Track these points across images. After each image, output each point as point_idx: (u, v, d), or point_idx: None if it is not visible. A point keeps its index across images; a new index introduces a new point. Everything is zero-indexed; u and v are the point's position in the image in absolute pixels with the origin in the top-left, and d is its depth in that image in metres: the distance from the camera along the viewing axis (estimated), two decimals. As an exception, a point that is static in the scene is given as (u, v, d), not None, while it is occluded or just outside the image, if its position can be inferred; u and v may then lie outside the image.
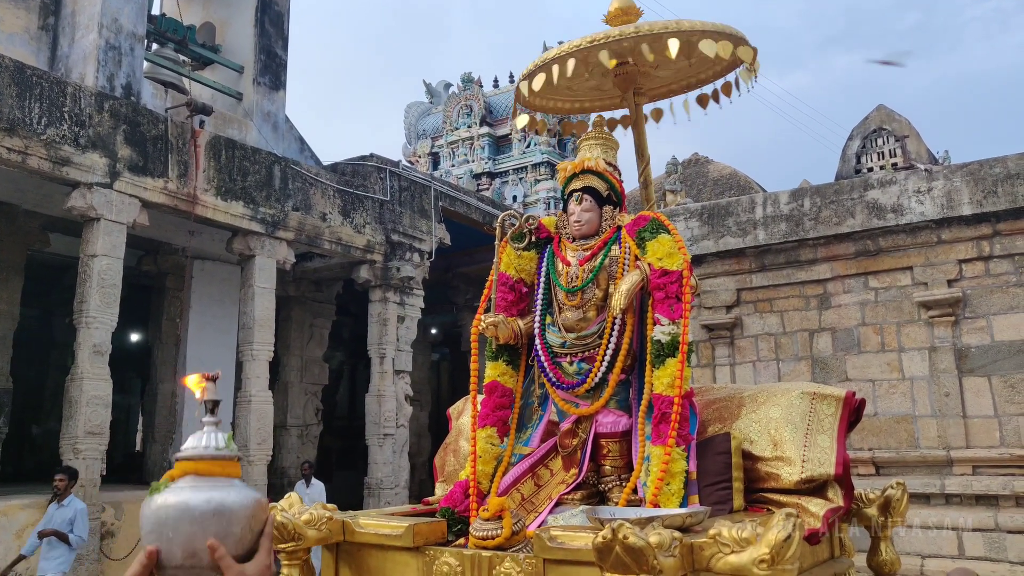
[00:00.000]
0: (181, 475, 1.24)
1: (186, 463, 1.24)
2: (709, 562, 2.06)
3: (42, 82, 7.15)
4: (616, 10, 3.38)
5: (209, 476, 1.23)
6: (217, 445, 1.26)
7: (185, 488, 1.20)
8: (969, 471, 7.03)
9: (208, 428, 1.29)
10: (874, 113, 9.32)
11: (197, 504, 1.17)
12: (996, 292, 7.25)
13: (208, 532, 1.16)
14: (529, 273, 3.10)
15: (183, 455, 1.25)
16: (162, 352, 10.15)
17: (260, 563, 1.21)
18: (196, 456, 1.24)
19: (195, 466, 1.23)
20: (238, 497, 1.21)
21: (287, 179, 9.24)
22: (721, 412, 3.01)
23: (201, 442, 1.26)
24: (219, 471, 1.23)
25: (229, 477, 1.24)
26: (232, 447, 1.28)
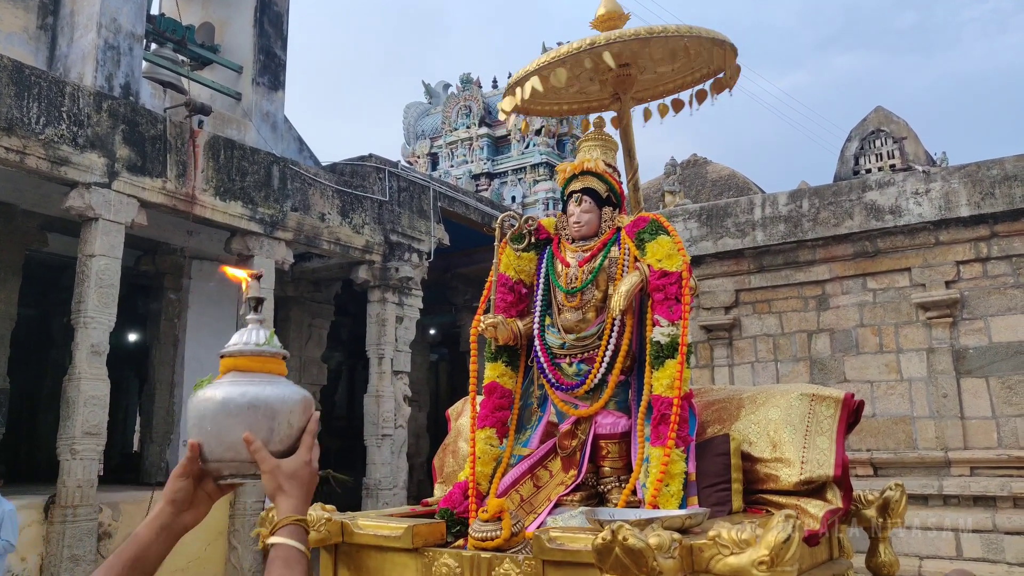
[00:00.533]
0: (225, 372, 1.24)
1: (228, 359, 1.24)
2: (708, 564, 2.06)
3: (40, 82, 7.15)
4: (603, 15, 3.39)
5: (249, 372, 1.22)
6: (258, 341, 1.25)
7: (224, 383, 1.21)
8: (967, 472, 7.05)
9: (252, 325, 1.28)
10: (872, 115, 9.34)
11: (233, 397, 1.18)
12: (994, 293, 7.26)
13: (245, 425, 1.17)
14: (528, 274, 3.10)
15: (225, 351, 1.25)
16: (160, 352, 10.13)
17: (299, 459, 1.20)
18: (236, 352, 1.24)
19: (235, 362, 1.23)
20: (276, 392, 1.20)
21: (286, 179, 9.23)
22: (720, 413, 3.01)
23: (243, 338, 1.26)
24: (259, 367, 1.23)
25: (270, 373, 1.24)
26: (274, 343, 1.27)
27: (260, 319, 1.30)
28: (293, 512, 1.18)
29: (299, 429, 1.23)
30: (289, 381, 1.26)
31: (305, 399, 1.24)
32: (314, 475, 1.23)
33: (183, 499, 1.23)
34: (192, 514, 1.25)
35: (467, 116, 20.31)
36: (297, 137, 10.71)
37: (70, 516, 7.04)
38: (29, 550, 7.00)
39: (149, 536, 1.21)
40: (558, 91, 3.57)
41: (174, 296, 10.14)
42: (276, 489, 1.18)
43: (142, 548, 1.21)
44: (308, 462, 1.22)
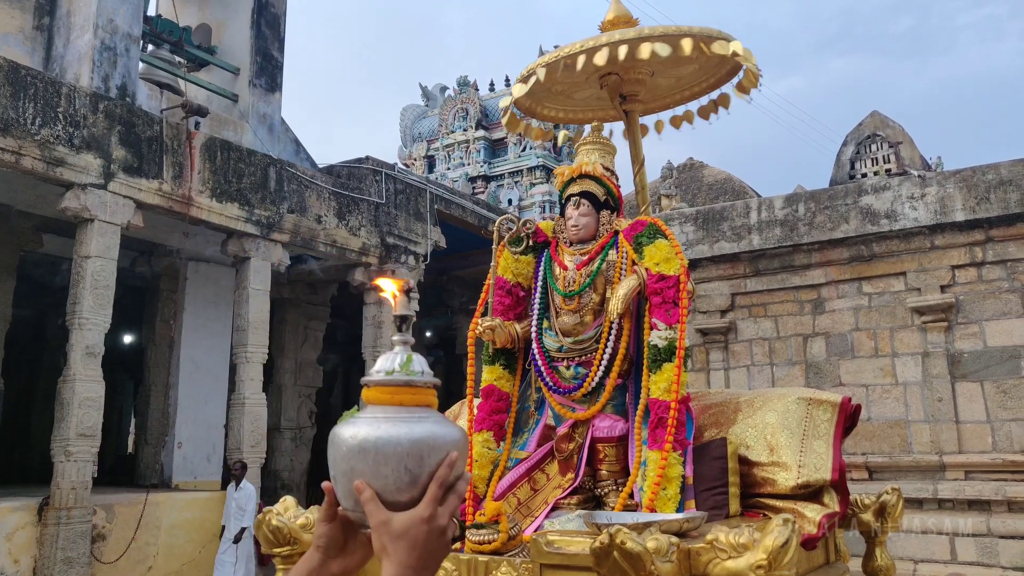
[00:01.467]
0: (367, 401, 1.10)
1: (364, 390, 1.11)
2: (706, 567, 2.06)
3: (36, 82, 7.13)
4: (613, 18, 3.38)
5: (380, 405, 1.08)
6: (388, 368, 1.10)
7: (351, 420, 1.08)
8: (962, 476, 7.06)
9: (398, 348, 1.13)
10: (868, 119, 9.37)
11: (345, 438, 1.05)
12: (989, 298, 7.28)
13: (356, 471, 1.03)
14: (526, 277, 3.10)
15: (369, 379, 1.11)
16: (155, 354, 10.10)
17: (414, 515, 1.00)
18: (365, 382, 1.10)
19: (366, 393, 1.10)
20: (390, 432, 1.04)
21: (282, 181, 9.22)
22: (717, 417, 3.02)
23: (384, 364, 1.11)
24: (387, 399, 1.07)
25: (400, 406, 1.07)
26: (411, 368, 1.10)
27: (404, 341, 1.14)
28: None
29: (426, 475, 1.03)
30: (428, 414, 1.09)
31: (432, 439, 1.05)
32: (435, 535, 1.00)
33: (328, 545, 1.09)
34: (341, 563, 1.10)
35: (464, 119, 20.33)
36: (294, 139, 10.70)
37: (64, 518, 7.01)
38: (22, 552, 6.96)
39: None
40: (561, 95, 3.58)
41: (170, 298, 10.12)
42: (381, 549, 1.01)
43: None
44: (427, 518, 1.00)
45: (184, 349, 9.87)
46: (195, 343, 9.95)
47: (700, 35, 3.01)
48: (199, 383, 9.92)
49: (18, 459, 11.82)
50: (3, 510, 6.99)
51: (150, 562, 8.20)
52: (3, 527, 6.93)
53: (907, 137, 9.01)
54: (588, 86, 3.47)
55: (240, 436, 8.61)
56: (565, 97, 3.63)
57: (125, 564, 7.84)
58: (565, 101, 3.69)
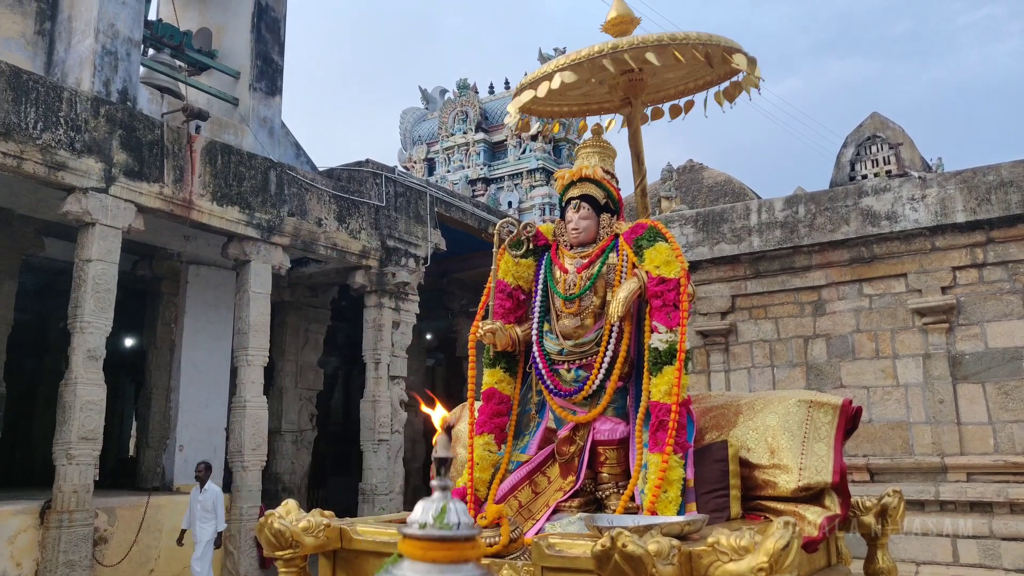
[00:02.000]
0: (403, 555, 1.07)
1: (400, 542, 1.09)
2: (707, 570, 2.06)
3: (38, 87, 7.14)
4: (614, 18, 3.39)
5: (413, 560, 1.05)
6: (421, 521, 1.08)
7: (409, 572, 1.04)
8: (963, 478, 7.05)
9: (437, 494, 1.11)
10: (868, 121, 9.37)
11: None
12: (990, 299, 7.28)
13: None
14: (527, 280, 3.11)
15: (403, 530, 1.09)
16: (157, 357, 10.11)
17: None
18: (401, 533, 1.08)
19: (401, 546, 1.08)
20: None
21: (283, 184, 9.23)
22: (718, 420, 3.02)
23: (419, 514, 1.09)
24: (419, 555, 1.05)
25: (432, 563, 1.04)
26: (446, 522, 1.06)
27: (443, 486, 1.11)
28: None
29: None
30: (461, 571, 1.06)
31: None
32: None
33: None
34: None
35: (464, 121, 20.35)
36: (294, 142, 10.71)
37: (66, 521, 7.01)
38: (24, 555, 6.97)
39: None
40: (564, 93, 3.59)
41: (171, 301, 10.13)
42: None
43: None
44: None
45: (185, 352, 9.88)
46: (196, 346, 9.95)
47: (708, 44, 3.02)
48: (200, 386, 9.93)
49: (20, 462, 11.82)
50: (5, 513, 7.00)
51: (152, 565, 8.20)
52: (5, 530, 6.94)
53: (907, 138, 9.02)
54: (592, 84, 3.48)
55: (241, 439, 8.62)
56: (569, 95, 3.64)
57: (127, 567, 7.84)
58: (569, 98, 3.70)
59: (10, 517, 7.01)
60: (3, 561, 6.83)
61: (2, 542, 6.89)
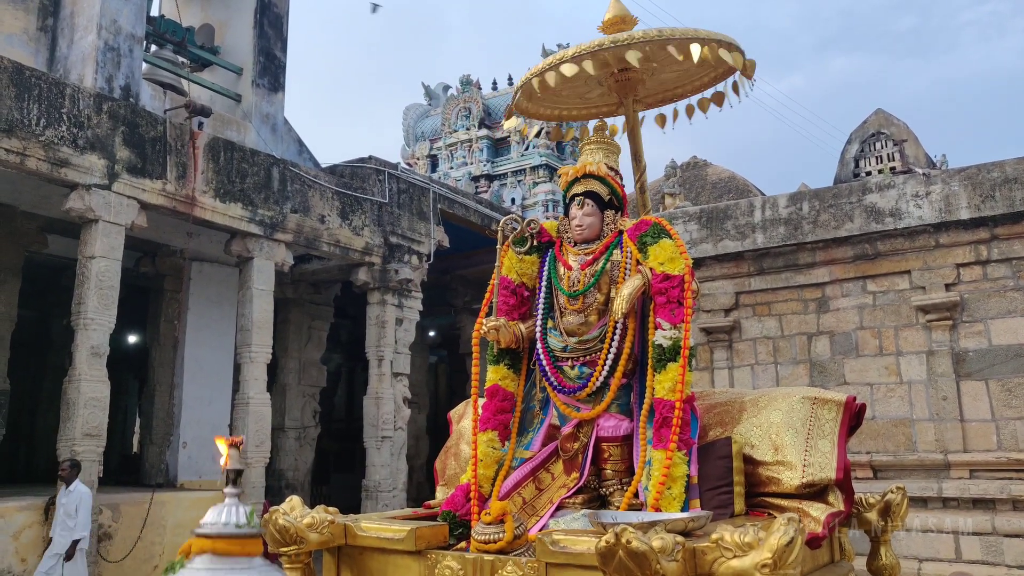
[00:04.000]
0: (198, 552, 1.17)
1: (203, 540, 1.18)
2: (711, 566, 2.06)
3: (40, 83, 7.15)
4: (611, 19, 3.38)
5: (227, 556, 1.16)
6: (237, 521, 1.20)
7: (200, 570, 1.15)
8: (966, 475, 7.05)
9: (229, 501, 1.23)
10: (872, 117, 9.34)
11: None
12: (994, 296, 7.26)
13: None
14: (531, 277, 3.11)
15: (201, 531, 1.19)
16: (160, 354, 10.13)
17: None
18: (214, 534, 1.18)
19: (212, 544, 1.18)
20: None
21: (285, 181, 9.23)
22: (722, 416, 3.02)
23: (220, 518, 1.20)
24: (238, 550, 1.17)
25: (249, 556, 1.18)
26: (254, 522, 1.21)
27: (237, 493, 1.24)
28: None
29: None
30: (266, 563, 1.19)
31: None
32: None
33: None
34: None
35: (467, 118, 20.33)
36: (297, 139, 10.71)
37: (70, 518, 7.03)
38: (29, 551, 6.99)
39: None
40: (561, 96, 3.58)
41: (174, 298, 10.14)
42: None
43: None
44: None
45: (188, 349, 9.89)
46: (199, 343, 9.96)
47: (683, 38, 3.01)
48: (203, 383, 9.94)
49: (24, 459, 11.86)
50: (10, 509, 7.02)
51: (156, 561, 8.22)
52: (10, 526, 6.96)
53: (912, 135, 8.99)
54: (589, 84, 3.47)
55: (244, 436, 8.63)
56: (566, 96, 3.63)
57: (131, 563, 7.86)
58: (566, 100, 3.69)
59: (15, 513, 7.03)
60: (8, 557, 6.85)
61: (7, 538, 6.92)
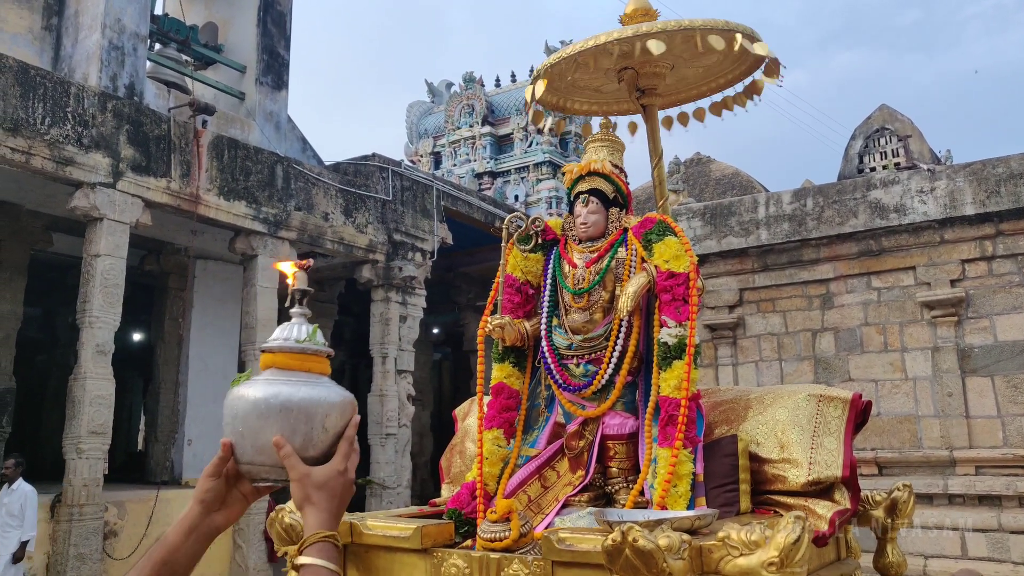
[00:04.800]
0: (264, 367, 1.18)
1: (267, 356, 1.18)
2: (718, 565, 2.06)
3: (45, 82, 7.16)
4: (632, 11, 3.36)
5: (288, 370, 1.16)
6: (298, 337, 1.19)
7: (260, 381, 1.15)
8: (972, 471, 7.03)
9: (296, 320, 1.22)
10: (876, 113, 9.32)
11: (266, 397, 1.12)
12: (999, 292, 7.24)
13: (275, 428, 1.11)
14: (535, 275, 3.11)
15: (265, 346, 1.19)
16: (165, 352, 10.15)
17: (331, 468, 1.11)
18: (276, 348, 1.18)
19: (274, 359, 1.18)
20: (312, 393, 1.14)
21: (289, 179, 9.24)
22: (728, 414, 3.01)
23: (284, 333, 1.20)
24: (298, 365, 1.17)
25: (310, 372, 1.17)
26: (317, 339, 1.20)
27: (304, 313, 1.23)
28: (322, 527, 1.09)
29: (336, 434, 1.14)
30: (331, 382, 1.19)
31: (344, 401, 1.16)
32: (348, 485, 1.13)
33: (213, 499, 1.16)
34: (224, 515, 1.18)
35: (470, 115, 20.31)
36: (300, 136, 10.71)
37: (76, 515, 7.06)
38: (36, 548, 7.02)
39: (178, 538, 1.15)
40: (585, 89, 3.57)
41: (178, 296, 10.16)
42: (304, 500, 1.11)
43: (171, 550, 1.15)
44: (342, 471, 1.12)
45: (193, 347, 9.91)
46: (204, 341, 9.99)
47: (703, 29, 3.00)
48: (208, 380, 9.96)
49: (30, 456, 11.88)
50: (16, 507, 7.04)
51: (161, 559, 8.24)
52: (16, 524, 6.98)
53: (916, 131, 8.97)
54: (610, 79, 3.46)
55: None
56: (592, 91, 3.62)
57: (137, 560, 7.89)
58: (592, 95, 3.68)
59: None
60: (14, 554, 6.88)
61: (13, 535, 6.94)
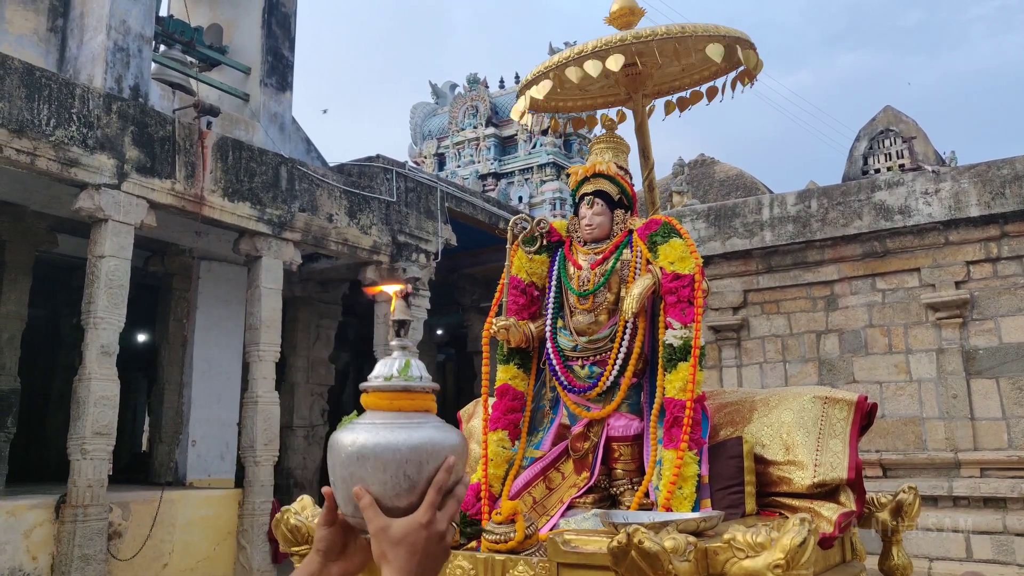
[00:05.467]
0: (366, 409, 1.12)
1: (363, 396, 1.12)
2: (724, 567, 2.06)
3: (51, 84, 7.18)
4: (618, 11, 3.36)
5: (379, 411, 1.09)
6: (387, 374, 1.11)
7: (348, 426, 1.09)
8: (977, 473, 7.02)
9: (395, 354, 1.14)
10: (881, 114, 9.31)
11: (345, 444, 1.06)
12: (1004, 294, 7.23)
13: (357, 477, 1.04)
14: (540, 277, 3.11)
15: (361, 385, 1.13)
16: (169, 353, 10.17)
17: (412, 520, 1.00)
18: (368, 388, 1.11)
19: (366, 399, 1.11)
20: (388, 438, 1.04)
21: (293, 180, 9.25)
22: (733, 416, 3.01)
23: (378, 370, 1.12)
24: (386, 405, 1.08)
25: (400, 411, 1.09)
26: (409, 375, 1.11)
27: (404, 346, 1.15)
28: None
29: (424, 480, 1.03)
30: (426, 419, 1.10)
31: (433, 444, 1.05)
32: (434, 540, 1.01)
33: (328, 548, 1.10)
34: (342, 565, 1.11)
35: (474, 116, 20.33)
36: (304, 138, 10.73)
37: (80, 516, 7.07)
38: (40, 549, 7.03)
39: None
40: (568, 89, 3.57)
41: (182, 297, 10.18)
42: (380, 556, 1.01)
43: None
44: (425, 523, 1.00)
45: (197, 348, 9.92)
46: (208, 342, 10.00)
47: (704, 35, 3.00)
48: (212, 381, 9.98)
49: (35, 457, 11.92)
50: (21, 507, 7.06)
51: (166, 559, 8.26)
52: (21, 524, 7.00)
53: (921, 132, 8.95)
54: (596, 78, 3.46)
55: (253, 434, 8.66)
56: (577, 89, 3.63)
57: (141, 561, 7.90)
58: (571, 91, 3.68)
59: (26, 511, 7.07)
60: (19, 555, 6.90)
61: (18, 536, 6.96)
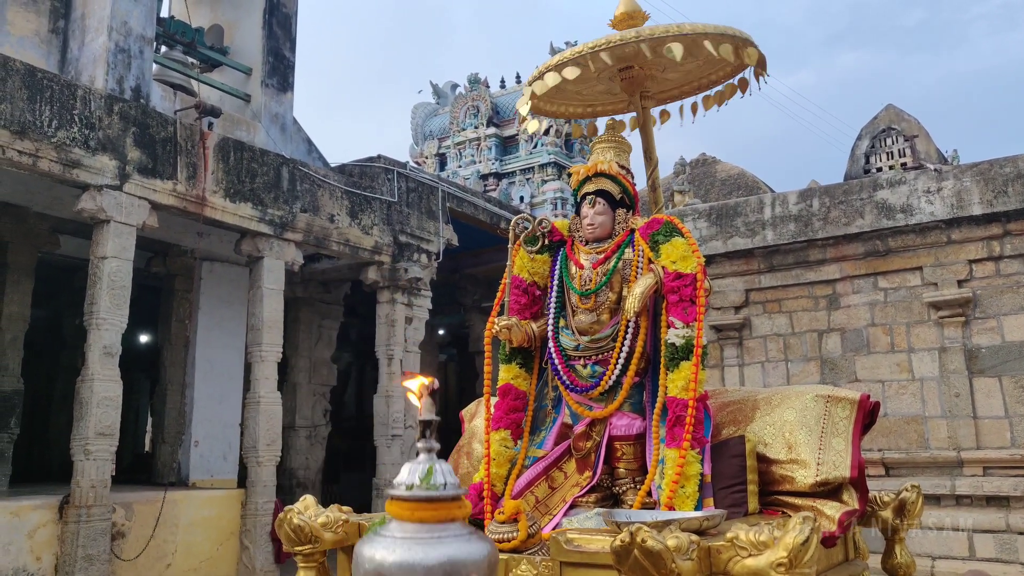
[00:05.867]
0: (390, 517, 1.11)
1: (387, 503, 1.12)
2: (726, 566, 2.06)
3: (52, 85, 7.19)
4: (621, 14, 3.36)
5: (402, 521, 1.08)
6: (408, 483, 1.10)
7: (373, 537, 1.09)
8: (980, 472, 7.01)
9: (422, 456, 1.12)
10: (883, 113, 9.30)
11: (363, 560, 1.07)
12: (1007, 292, 7.22)
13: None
14: (542, 276, 3.11)
15: (390, 492, 1.12)
16: (171, 353, 10.18)
17: None
18: (393, 496, 1.11)
19: (389, 508, 1.11)
20: (406, 557, 1.03)
21: (295, 181, 9.26)
22: (735, 415, 3.02)
23: (402, 476, 1.11)
24: (408, 516, 1.08)
25: (422, 523, 1.07)
26: (431, 483, 1.09)
27: (430, 448, 1.13)
28: None
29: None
30: (448, 531, 1.07)
31: (450, 565, 1.03)
32: None
33: None
34: None
35: (475, 116, 20.33)
36: (306, 138, 10.73)
37: (84, 516, 7.08)
38: (44, 550, 7.05)
39: None
40: (573, 92, 3.57)
41: (184, 297, 10.19)
42: None
43: None
44: None
45: (199, 348, 9.93)
46: (210, 342, 10.00)
47: (715, 35, 3.00)
48: (214, 382, 9.99)
49: (38, 458, 11.94)
50: (25, 508, 7.07)
51: (169, 559, 8.27)
52: (25, 525, 7.01)
53: (923, 130, 8.94)
54: (599, 82, 3.46)
55: (255, 435, 8.67)
56: (575, 93, 3.63)
57: (144, 561, 7.91)
58: (575, 97, 3.68)
59: (29, 512, 7.08)
60: (23, 555, 6.91)
61: (22, 536, 6.97)
